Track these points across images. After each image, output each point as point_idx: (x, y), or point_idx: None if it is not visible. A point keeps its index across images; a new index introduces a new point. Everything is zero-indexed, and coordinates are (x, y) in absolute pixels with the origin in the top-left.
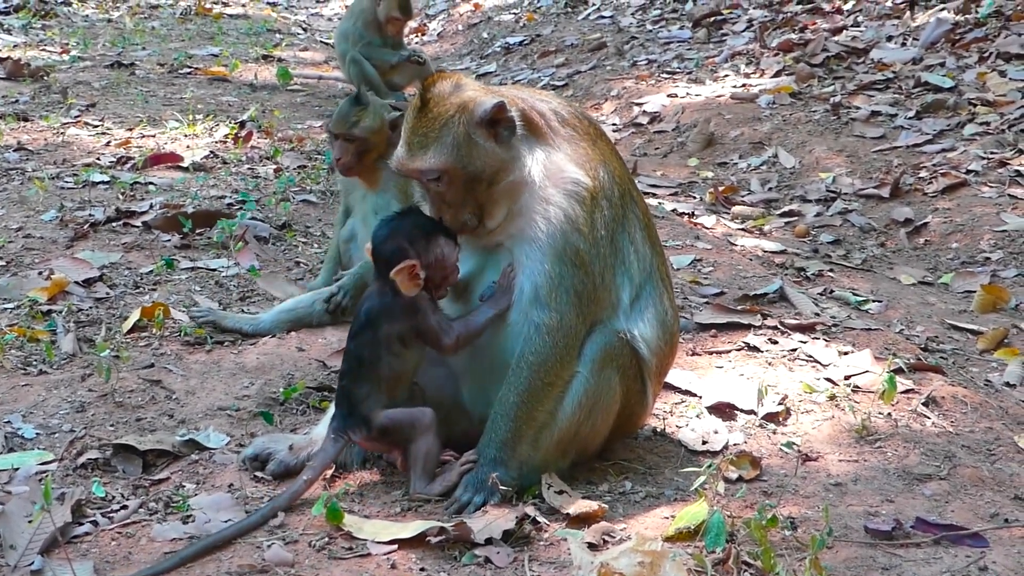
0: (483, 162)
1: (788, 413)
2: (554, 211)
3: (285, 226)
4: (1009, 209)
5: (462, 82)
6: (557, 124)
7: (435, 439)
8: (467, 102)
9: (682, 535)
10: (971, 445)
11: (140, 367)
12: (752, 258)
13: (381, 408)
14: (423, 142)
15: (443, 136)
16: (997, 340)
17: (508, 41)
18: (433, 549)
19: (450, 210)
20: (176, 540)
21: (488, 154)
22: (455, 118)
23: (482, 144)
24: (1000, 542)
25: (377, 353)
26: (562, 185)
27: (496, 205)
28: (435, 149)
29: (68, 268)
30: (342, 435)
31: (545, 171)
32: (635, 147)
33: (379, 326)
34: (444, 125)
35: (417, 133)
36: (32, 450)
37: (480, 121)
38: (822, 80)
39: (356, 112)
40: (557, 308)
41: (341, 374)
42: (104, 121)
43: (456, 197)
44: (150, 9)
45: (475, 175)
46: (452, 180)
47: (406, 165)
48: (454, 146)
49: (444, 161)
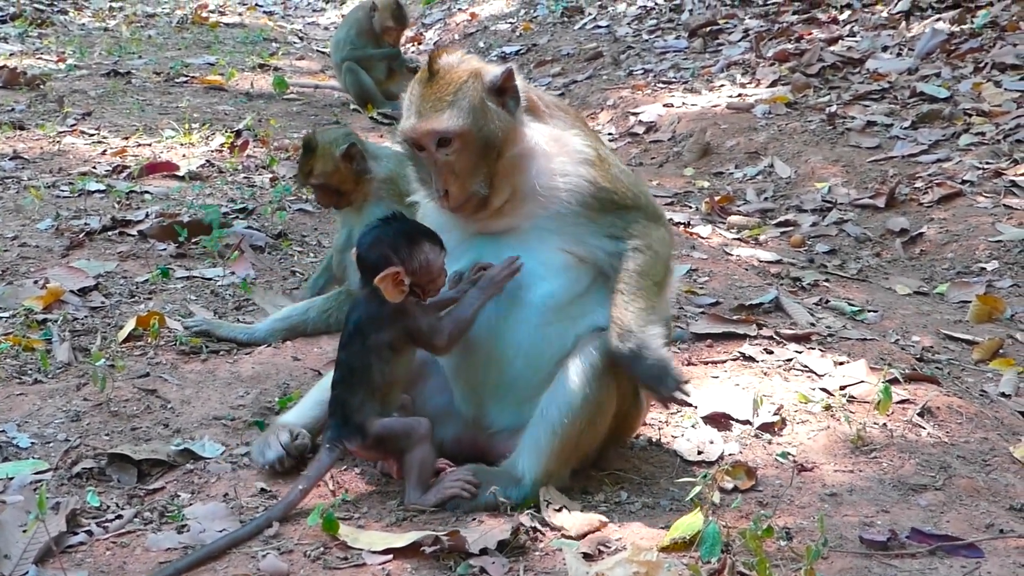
0: (495, 127)
1: (783, 423)
2: (572, 180)
3: (281, 235)
4: (1004, 219)
5: (466, 55)
6: (552, 108)
7: (431, 449)
8: (478, 69)
9: (677, 545)
10: (966, 455)
11: (135, 376)
12: (748, 268)
13: (376, 417)
14: (437, 106)
15: (459, 99)
16: (992, 350)
17: (504, 50)
18: (428, 559)
19: (457, 180)
20: (171, 550)
21: (500, 120)
22: (468, 83)
23: (494, 110)
24: (995, 553)
25: (368, 361)
26: (569, 155)
27: (502, 179)
28: (451, 111)
29: (64, 277)
30: (337, 444)
31: (549, 144)
32: (631, 157)
33: (368, 334)
34: (459, 89)
35: (429, 99)
36: (27, 459)
37: (491, 87)
38: (818, 90)
39: (307, 162)
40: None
41: (333, 384)
42: (100, 130)
43: (466, 165)
44: (147, 18)
45: (488, 141)
46: (465, 145)
47: (419, 128)
48: (470, 109)
49: (460, 123)
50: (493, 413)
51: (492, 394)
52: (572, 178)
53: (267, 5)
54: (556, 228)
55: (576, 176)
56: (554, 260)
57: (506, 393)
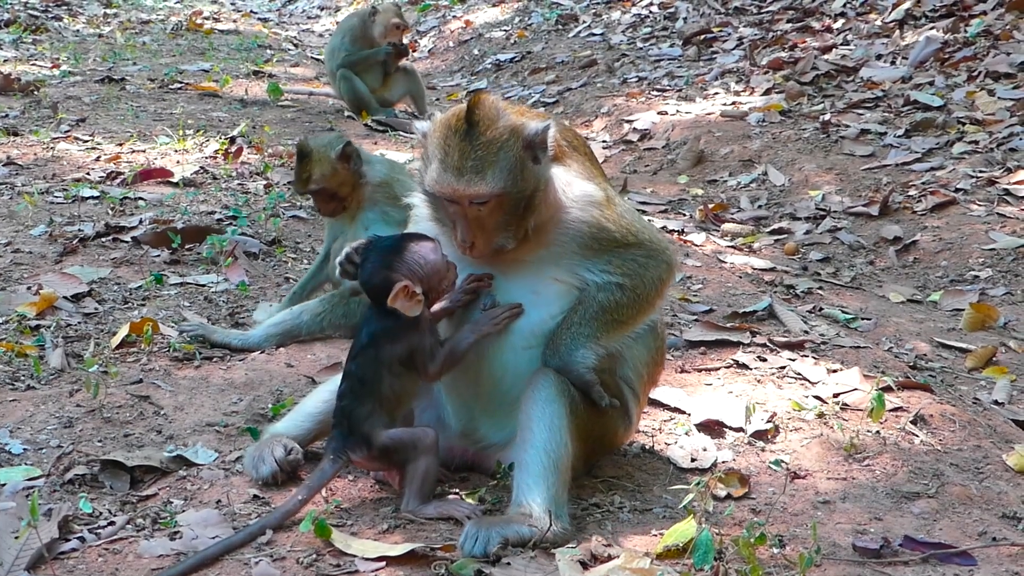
0: (529, 185)
1: (777, 431)
2: (578, 224)
3: (275, 242)
4: (998, 227)
5: (500, 103)
6: (566, 146)
7: (435, 460)
8: (517, 126)
9: (670, 552)
10: (959, 463)
11: (128, 383)
12: (741, 275)
13: (382, 428)
14: (479, 167)
15: (500, 160)
16: (986, 358)
17: (499, 58)
18: (422, 566)
19: (483, 235)
20: (163, 556)
21: (534, 177)
22: (509, 142)
23: (530, 167)
24: (988, 560)
25: (379, 373)
26: (579, 198)
27: (530, 227)
28: (492, 174)
29: (57, 283)
30: (341, 455)
31: (564, 188)
32: (625, 164)
33: (381, 347)
34: (500, 149)
35: (470, 158)
36: (19, 465)
37: (528, 144)
38: (812, 98)
39: (304, 168)
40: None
41: (340, 395)
42: (94, 136)
43: (495, 222)
44: (141, 24)
45: (522, 199)
46: (500, 204)
47: (459, 191)
48: (510, 170)
49: (502, 186)
50: (484, 427)
51: (484, 410)
52: (579, 223)
53: (262, 12)
54: (555, 261)
55: (582, 221)
56: (548, 289)
57: (497, 409)
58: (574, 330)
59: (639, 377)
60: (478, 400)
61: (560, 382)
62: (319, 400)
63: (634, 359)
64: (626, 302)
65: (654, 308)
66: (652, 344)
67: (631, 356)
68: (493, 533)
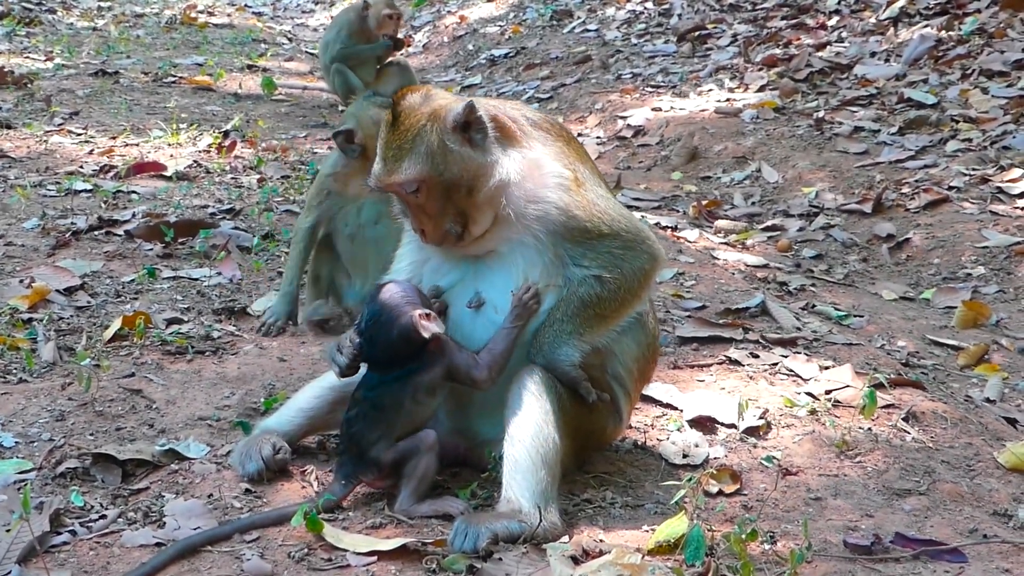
0: (459, 168)
1: (769, 427)
2: (543, 207)
3: (268, 236)
4: (991, 225)
5: (431, 92)
6: (529, 127)
7: (435, 460)
8: (438, 109)
9: (662, 548)
10: (951, 460)
11: (120, 376)
12: (734, 272)
13: (387, 446)
14: (397, 155)
15: (417, 146)
16: (977, 356)
17: (493, 53)
18: (413, 561)
19: (430, 221)
20: (144, 547)
21: (464, 159)
22: (427, 127)
23: (457, 150)
24: (979, 558)
25: (400, 401)
26: (544, 180)
27: (480, 212)
28: (409, 160)
29: (49, 276)
30: (352, 480)
31: (524, 170)
32: (619, 160)
33: (413, 374)
34: (417, 135)
35: (391, 147)
36: (11, 459)
37: (453, 126)
38: (806, 95)
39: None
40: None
41: (349, 421)
42: (87, 129)
43: (436, 207)
44: (135, 18)
45: (453, 182)
46: (430, 190)
47: (383, 180)
48: (428, 155)
49: (420, 171)
50: (477, 423)
51: (478, 408)
52: (544, 204)
53: (256, 6)
54: (529, 253)
55: (548, 203)
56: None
57: (490, 404)
58: (556, 327)
59: (629, 373)
60: (473, 397)
61: (546, 378)
62: (311, 396)
63: (624, 355)
64: (607, 295)
65: (639, 300)
66: (643, 340)
67: (620, 352)
68: (483, 529)
